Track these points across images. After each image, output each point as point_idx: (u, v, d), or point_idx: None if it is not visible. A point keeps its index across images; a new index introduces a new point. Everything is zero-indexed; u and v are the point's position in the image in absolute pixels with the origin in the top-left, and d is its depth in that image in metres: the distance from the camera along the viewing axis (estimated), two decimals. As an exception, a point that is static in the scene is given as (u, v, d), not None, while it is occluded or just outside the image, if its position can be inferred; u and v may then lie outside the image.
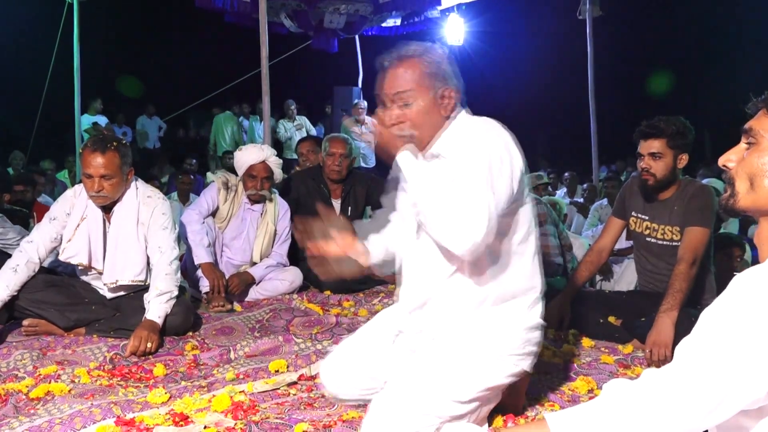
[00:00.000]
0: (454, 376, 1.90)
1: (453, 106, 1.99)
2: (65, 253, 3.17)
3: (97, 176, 3.04)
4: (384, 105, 2.00)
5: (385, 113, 1.98)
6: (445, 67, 1.99)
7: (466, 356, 1.94)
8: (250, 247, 4.08)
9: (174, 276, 3.16)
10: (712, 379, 1.14)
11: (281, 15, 7.88)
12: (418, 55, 1.97)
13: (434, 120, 1.97)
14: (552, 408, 2.29)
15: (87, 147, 3.09)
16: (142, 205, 3.20)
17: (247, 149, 4.09)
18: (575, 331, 3.18)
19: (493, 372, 1.94)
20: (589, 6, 7.71)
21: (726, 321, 1.16)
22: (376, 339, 2.19)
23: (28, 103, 8.85)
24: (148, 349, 2.87)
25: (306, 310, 3.59)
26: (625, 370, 2.72)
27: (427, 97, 1.95)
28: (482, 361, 1.94)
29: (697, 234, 2.96)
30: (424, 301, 2.04)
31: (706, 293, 3.11)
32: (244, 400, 2.28)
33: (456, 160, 1.86)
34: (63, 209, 3.20)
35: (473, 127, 1.97)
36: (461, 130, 1.98)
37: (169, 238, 3.21)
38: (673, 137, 3.01)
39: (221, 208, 4.02)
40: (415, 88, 1.94)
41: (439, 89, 1.96)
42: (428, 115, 1.95)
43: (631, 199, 3.29)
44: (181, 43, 12.97)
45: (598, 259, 3.36)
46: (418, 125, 1.94)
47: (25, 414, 2.21)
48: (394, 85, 1.96)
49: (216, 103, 11.02)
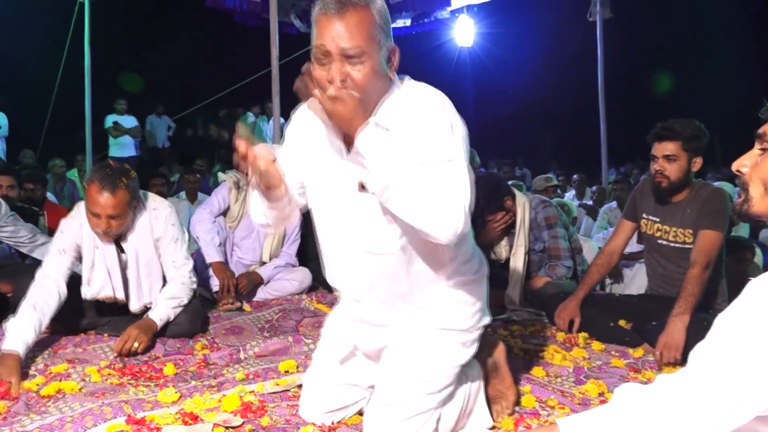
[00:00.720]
0: (424, 367, 1.90)
1: (397, 67, 1.75)
2: (91, 291, 3.04)
3: (104, 216, 2.86)
4: (322, 61, 1.66)
5: (328, 72, 1.65)
6: (389, 19, 1.73)
7: (425, 343, 1.92)
8: (260, 246, 4.09)
9: (190, 286, 3.13)
10: (726, 384, 1.13)
11: (291, 15, 7.90)
12: (365, 4, 1.66)
13: (382, 82, 1.72)
14: (562, 411, 2.28)
15: (94, 183, 2.85)
16: (153, 220, 3.08)
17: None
18: (585, 334, 3.17)
19: (455, 347, 1.94)
20: (599, 8, 7.71)
21: (741, 326, 1.15)
22: (335, 362, 2.13)
23: (39, 101, 8.92)
24: (135, 349, 2.82)
25: (315, 311, 3.60)
26: (636, 374, 2.71)
27: (378, 56, 1.67)
28: (441, 342, 1.92)
29: (710, 237, 2.94)
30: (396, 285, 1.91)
31: (719, 297, 3.10)
32: (254, 401, 2.28)
33: (416, 134, 1.66)
34: (72, 240, 3.01)
35: (417, 93, 1.76)
36: (405, 97, 1.75)
37: (182, 250, 3.13)
38: (688, 140, 3.00)
39: (232, 208, 4.04)
40: (366, 45, 1.64)
41: (388, 46, 1.71)
42: (378, 76, 1.68)
43: (643, 200, 3.28)
44: (191, 43, 13.01)
45: (608, 262, 3.35)
46: (368, 89, 1.66)
47: (37, 412, 2.22)
48: (344, 38, 1.62)
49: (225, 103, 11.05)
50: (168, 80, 12.69)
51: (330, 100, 1.61)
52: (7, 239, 3.84)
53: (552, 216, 3.81)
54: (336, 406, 2.12)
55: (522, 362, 2.78)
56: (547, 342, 3.08)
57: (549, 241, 3.80)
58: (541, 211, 3.82)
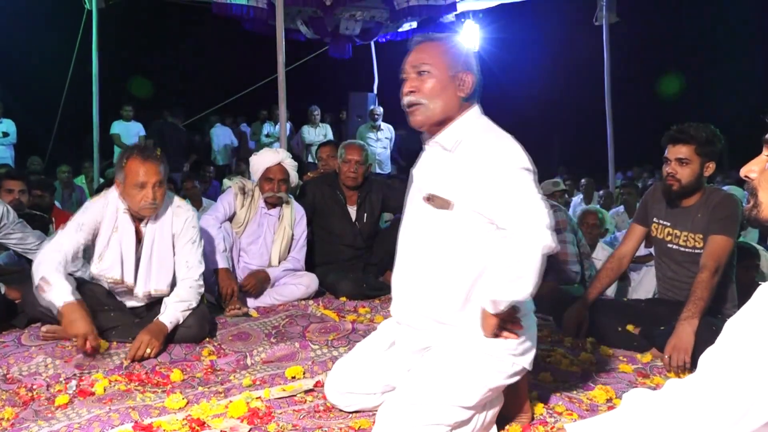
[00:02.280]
0: (455, 381, 1.93)
1: (470, 90, 2.04)
2: (98, 268, 3.11)
3: (151, 184, 2.99)
4: (406, 79, 2.06)
5: (404, 85, 2.05)
6: (466, 54, 2.08)
7: (464, 360, 1.96)
8: (268, 251, 4.10)
9: (198, 289, 3.17)
10: (737, 389, 1.12)
11: (297, 22, 7.91)
12: (441, 39, 2.08)
13: (448, 97, 2.02)
14: (570, 417, 2.27)
15: (136, 156, 2.99)
16: (174, 216, 3.19)
17: (263, 153, 4.14)
18: (593, 339, 3.16)
19: (492, 373, 1.96)
20: (605, 12, 7.69)
21: (751, 331, 1.14)
22: (372, 350, 2.26)
23: (47, 108, 8.97)
24: (147, 354, 2.86)
25: (322, 317, 3.59)
26: (644, 380, 2.70)
27: (445, 74, 2.01)
28: (481, 363, 1.95)
29: (720, 242, 2.93)
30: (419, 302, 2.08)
31: (728, 302, 3.08)
32: (261, 407, 2.28)
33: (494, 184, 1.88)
34: (94, 218, 3.09)
35: (488, 130, 2.03)
36: (474, 127, 2.03)
37: (197, 252, 3.22)
38: (702, 144, 2.99)
39: (238, 213, 4.05)
40: (433, 62, 2.01)
41: (458, 71, 2.02)
42: (443, 90, 2.01)
43: (654, 205, 3.27)
44: (198, 49, 13.07)
45: (618, 266, 3.34)
46: (431, 96, 2.00)
47: (44, 418, 2.22)
48: (416, 59, 2.03)
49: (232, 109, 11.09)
50: (175, 87, 12.75)
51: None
52: (14, 246, 3.85)
53: (561, 221, 3.80)
54: (355, 389, 2.21)
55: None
56: (554, 347, 3.07)
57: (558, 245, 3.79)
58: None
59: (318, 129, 10.20)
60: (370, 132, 9.53)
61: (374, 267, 4.54)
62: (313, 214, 4.53)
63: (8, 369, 2.73)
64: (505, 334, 1.95)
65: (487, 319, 1.93)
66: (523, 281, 1.78)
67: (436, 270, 2.04)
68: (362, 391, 2.22)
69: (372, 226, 4.58)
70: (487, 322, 1.92)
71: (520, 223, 1.79)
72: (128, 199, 3.06)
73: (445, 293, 2.03)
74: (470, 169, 1.93)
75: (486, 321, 1.93)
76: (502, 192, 1.85)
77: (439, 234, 2.02)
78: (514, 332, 1.96)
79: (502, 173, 1.87)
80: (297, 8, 7.49)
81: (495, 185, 1.86)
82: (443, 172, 2.03)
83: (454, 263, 2.00)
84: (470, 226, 1.95)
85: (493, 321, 1.92)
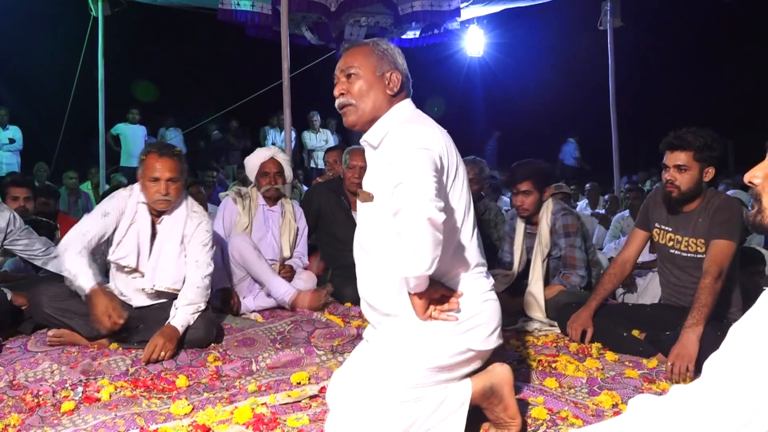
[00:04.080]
0: (398, 361, 1.97)
1: (398, 87, 2.14)
2: (116, 254, 3.24)
3: (164, 179, 3.17)
4: (336, 83, 2.19)
5: (335, 88, 2.17)
6: (393, 55, 2.18)
7: (400, 342, 2.00)
8: (278, 244, 4.26)
9: (205, 291, 3.24)
10: (741, 395, 1.12)
11: (302, 27, 7.93)
12: (367, 43, 2.21)
13: (377, 96, 2.13)
14: (576, 422, 2.26)
15: (153, 152, 3.22)
16: (188, 218, 3.32)
17: (255, 152, 4.38)
18: (599, 344, 3.15)
19: (431, 352, 1.97)
20: (609, 17, 7.70)
21: (756, 336, 1.14)
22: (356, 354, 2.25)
23: (54, 115, 9.00)
24: (162, 357, 2.93)
25: (327, 322, 3.60)
26: (650, 385, 2.69)
27: (372, 74, 2.13)
28: (417, 344, 1.98)
29: (722, 247, 2.92)
30: (367, 299, 2.14)
31: (732, 307, 3.07)
32: (266, 413, 2.29)
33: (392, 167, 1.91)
34: (118, 207, 3.26)
35: (410, 120, 2.10)
36: (397, 120, 2.11)
37: (207, 254, 3.32)
38: (700, 150, 2.98)
39: (241, 216, 4.22)
40: (360, 65, 2.13)
41: (384, 70, 2.14)
42: (370, 89, 2.12)
43: (655, 210, 3.26)
44: (203, 55, 13.10)
45: (621, 271, 3.33)
46: (359, 96, 2.12)
47: (50, 424, 2.23)
48: (344, 63, 2.17)
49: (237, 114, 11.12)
50: (180, 93, 12.78)
51: None
52: (20, 252, 3.87)
53: (571, 224, 3.79)
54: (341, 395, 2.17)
55: (535, 373, 2.77)
56: (559, 352, 3.06)
57: (566, 249, 3.78)
58: (561, 218, 3.81)
59: (319, 135, 10.23)
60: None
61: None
62: (318, 220, 4.55)
63: (14, 375, 2.74)
64: (442, 317, 1.99)
65: (412, 299, 1.98)
66: (418, 255, 1.78)
67: (370, 263, 2.11)
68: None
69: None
70: (414, 302, 1.97)
71: (406, 199, 1.79)
72: (145, 192, 3.25)
73: (380, 284, 2.08)
74: (385, 160, 2.00)
75: (413, 302, 1.98)
76: (397, 172, 1.87)
77: (368, 227, 2.11)
78: (451, 313, 1.99)
79: (400, 154, 1.91)
80: (301, 14, 7.50)
81: (394, 168, 1.90)
82: (370, 167, 2.19)
83: (382, 253, 2.04)
84: (390, 215, 1.95)
85: (419, 301, 1.96)
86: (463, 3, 7.91)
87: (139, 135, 10.15)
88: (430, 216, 1.75)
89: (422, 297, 1.96)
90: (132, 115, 10.07)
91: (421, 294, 1.95)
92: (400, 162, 1.89)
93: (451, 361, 2.01)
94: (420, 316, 1.99)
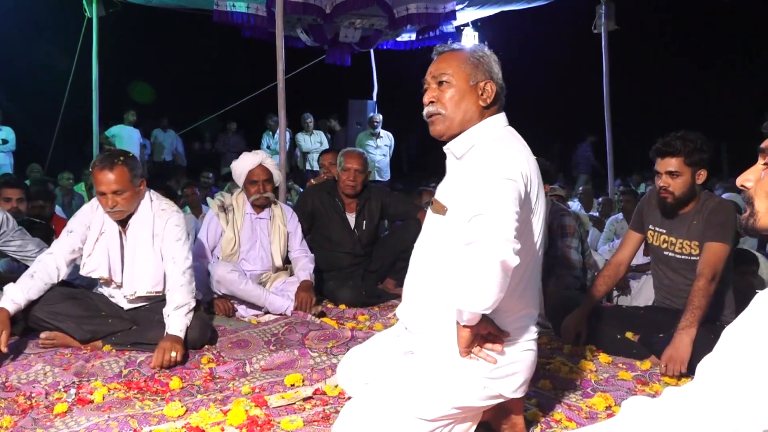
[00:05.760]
0: (418, 392, 1.89)
1: (491, 99, 2.02)
2: (86, 268, 3.23)
3: (109, 193, 3.09)
4: (426, 89, 2.07)
5: (424, 95, 2.06)
6: (489, 64, 2.05)
7: (436, 372, 1.92)
8: (267, 254, 4.11)
9: (189, 287, 3.17)
10: (734, 398, 1.13)
11: (297, 29, 7.93)
12: (463, 48, 2.09)
13: (468, 106, 2.01)
14: (569, 425, 2.27)
15: (96, 165, 3.13)
16: (156, 217, 3.24)
17: (242, 158, 4.16)
18: (592, 346, 3.16)
19: (459, 391, 1.90)
20: (604, 20, 7.72)
21: (749, 339, 1.15)
22: (381, 342, 2.26)
23: (47, 115, 8.98)
24: (174, 358, 2.90)
25: (321, 324, 3.59)
26: (644, 387, 2.69)
27: (465, 83, 2.01)
28: (450, 379, 1.90)
29: (716, 249, 2.93)
30: (414, 305, 2.09)
31: (726, 309, 3.08)
32: (260, 414, 2.28)
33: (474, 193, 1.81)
34: (82, 222, 3.25)
35: (500, 139, 1.97)
36: (487, 135, 1.99)
37: (183, 249, 3.23)
38: (690, 155, 2.98)
39: (226, 231, 4.06)
40: (453, 72, 2.01)
41: (478, 80, 2.01)
42: (463, 99, 2.00)
43: (649, 212, 3.27)
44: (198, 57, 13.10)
45: (615, 273, 3.34)
46: (450, 106, 2.00)
47: (43, 426, 2.22)
48: (437, 68, 2.04)
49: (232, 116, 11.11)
50: (175, 94, 12.77)
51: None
52: (14, 253, 3.85)
53: (568, 225, 3.80)
54: (354, 377, 2.21)
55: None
56: (553, 354, 3.06)
57: (561, 249, 3.78)
58: (558, 218, 3.81)
59: (313, 136, 10.23)
60: (370, 139, 9.55)
61: (374, 274, 4.54)
62: (312, 222, 4.54)
63: (7, 377, 2.73)
64: (482, 355, 1.90)
65: (459, 330, 1.86)
66: (481, 294, 1.69)
67: (427, 274, 2.04)
68: (360, 380, 2.19)
69: (371, 233, 4.58)
70: (460, 334, 1.86)
71: (482, 233, 1.70)
72: (100, 204, 3.22)
73: (431, 299, 2.01)
74: (467, 176, 1.91)
75: (458, 333, 1.87)
76: (477, 200, 1.78)
77: (434, 239, 2.04)
78: (492, 354, 1.90)
79: (484, 181, 1.80)
80: (297, 16, 7.51)
81: (475, 193, 1.81)
82: (450, 178, 2.07)
83: (442, 269, 1.97)
84: (458, 233, 1.87)
85: (465, 334, 1.85)
86: (458, 6, 7.93)
87: (134, 137, 10.12)
88: (504, 258, 1.66)
89: (470, 331, 1.85)
90: (129, 116, 10.05)
91: (471, 328, 1.85)
92: (483, 191, 1.78)
93: (479, 404, 1.95)
94: (461, 349, 1.88)
